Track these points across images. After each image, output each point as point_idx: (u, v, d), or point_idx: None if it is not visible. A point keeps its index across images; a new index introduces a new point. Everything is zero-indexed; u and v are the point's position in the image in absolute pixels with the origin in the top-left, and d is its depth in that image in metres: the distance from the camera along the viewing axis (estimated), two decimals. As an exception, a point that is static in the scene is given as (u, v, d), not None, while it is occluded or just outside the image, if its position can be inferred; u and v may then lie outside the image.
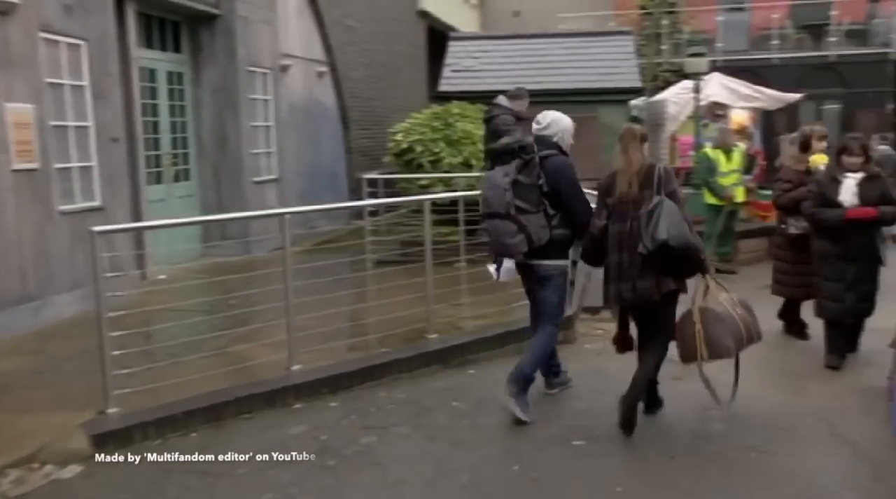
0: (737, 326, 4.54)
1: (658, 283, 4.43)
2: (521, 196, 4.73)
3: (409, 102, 17.72)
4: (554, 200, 4.76)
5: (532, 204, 4.73)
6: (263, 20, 10.92)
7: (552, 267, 4.88)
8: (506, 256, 4.84)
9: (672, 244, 4.28)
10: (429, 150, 9.72)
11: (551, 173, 4.75)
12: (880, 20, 21.26)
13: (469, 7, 23.84)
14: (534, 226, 4.72)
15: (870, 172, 5.75)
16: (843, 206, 5.64)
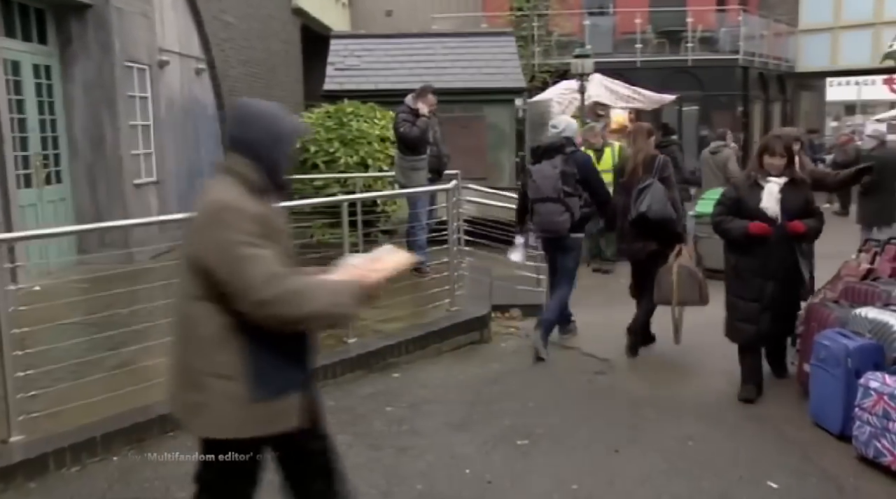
0: (703, 282, 5.78)
1: (644, 245, 5.88)
2: (566, 183, 5.94)
3: (287, 102, 17.30)
4: (583, 186, 6.01)
5: (573, 189, 5.96)
6: (140, 12, 10.27)
7: (576, 239, 6.14)
8: (554, 232, 6.04)
9: (649, 216, 5.68)
10: (323, 150, 9.49)
11: (581, 165, 6.03)
12: (727, 29, 22.75)
13: (340, 6, 23.54)
14: (575, 206, 5.96)
15: (794, 177, 5.08)
16: (765, 214, 4.98)
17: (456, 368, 6.00)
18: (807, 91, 28.93)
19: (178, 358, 2.54)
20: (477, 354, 6.42)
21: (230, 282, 2.37)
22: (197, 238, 2.45)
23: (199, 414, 2.49)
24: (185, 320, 2.49)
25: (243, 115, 2.60)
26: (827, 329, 4.79)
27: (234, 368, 2.43)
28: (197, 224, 2.48)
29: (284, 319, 2.40)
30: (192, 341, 2.48)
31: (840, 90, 38.73)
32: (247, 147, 2.54)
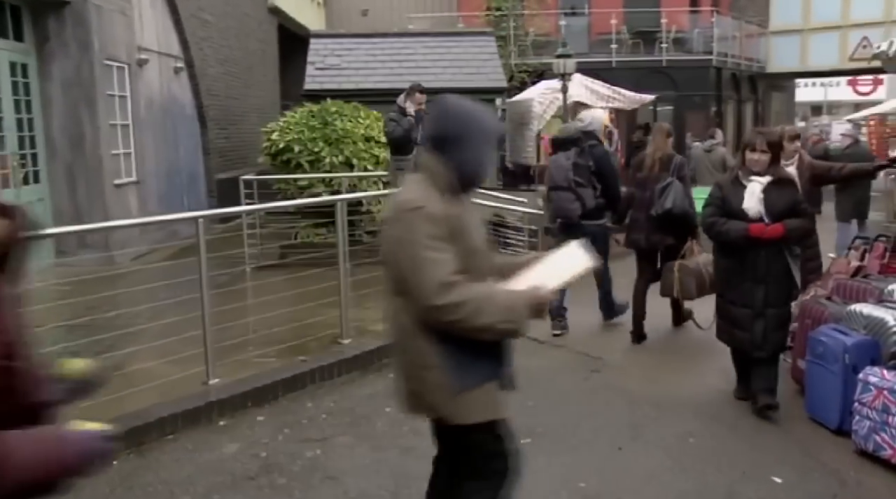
0: (702, 279, 5.96)
1: (662, 238, 6.30)
2: (578, 174, 6.39)
3: (264, 101, 17.20)
4: (598, 178, 6.44)
5: (585, 180, 6.40)
6: (118, 10, 10.13)
7: (595, 225, 6.48)
8: (565, 218, 6.45)
9: (674, 212, 6.08)
10: (308, 149, 9.41)
11: (597, 159, 6.47)
12: (700, 30, 23.00)
13: (316, 5, 23.40)
14: (586, 196, 6.39)
15: (779, 176, 4.80)
16: (747, 215, 4.70)
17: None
18: (777, 92, 29.35)
19: (396, 350, 2.69)
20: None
21: (408, 282, 2.45)
22: (388, 233, 2.55)
23: (420, 400, 2.62)
24: (394, 315, 2.60)
25: (447, 113, 2.60)
26: (822, 326, 4.86)
27: (434, 359, 2.51)
28: (387, 221, 2.59)
29: (454, 327, 2.44)
30: (402, 335, 2.59)
31: (807, 91, 39.39)
32: (448, 145, 2.55)
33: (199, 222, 4.95)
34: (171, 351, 5.25)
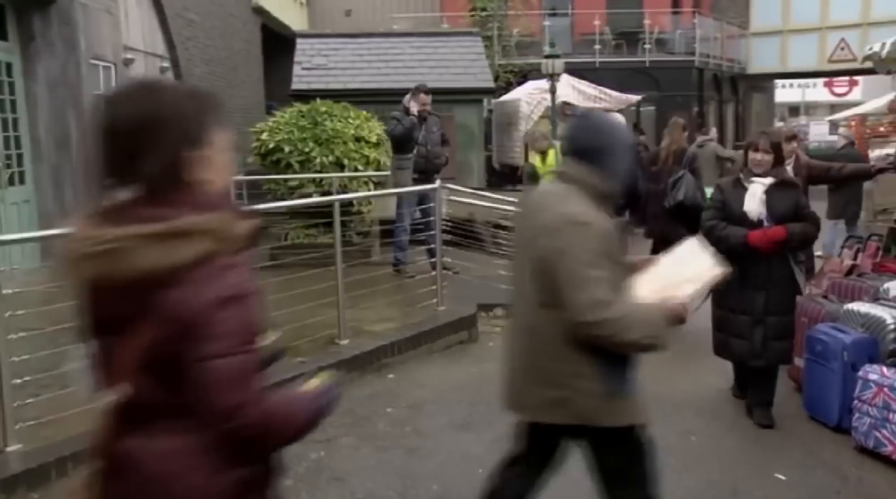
0: None
1: (676, 229, 6.24)
2: None
3: (249, 102, 17.10)
4: None
5: None
6: (104, 8, 10.03)
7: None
8: None
9: (686, 204, 6.29)
10: (298, 149, 9.37)
11: None
12: (682, 31, 23.19)
13: (299, 5, 23.32)
14: None
15: (782, 177, 4.67)
16: (748, 217, 4.55)
17: (450, 368, 6.00)
18: (758, 92, 29.63)
19: (529, 358, 2.68)
20: (467, 353, 6.43)
21: (563, 295, 2.48)
22: (546, 245, 2.53)
23: (562, 406, 2.62)
24: (535, 325, 2.62)
25: (593, 125, 2.70)
26: (819, 324, 4.92)
27: (587, 368, 2.56)
28: (546, 231, 2.54)
29: (601, 341, 2.49)
30: (544, 344, 2.60)
31: (785, 92, 39.84)
32: (599, 157, 2.60)
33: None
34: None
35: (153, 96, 1.60)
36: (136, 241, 1.51)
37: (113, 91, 1.69)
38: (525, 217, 2.74)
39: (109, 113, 1.60)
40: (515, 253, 2.77)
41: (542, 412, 2.71)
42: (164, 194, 1.57)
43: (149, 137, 1.55)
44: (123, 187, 1.59)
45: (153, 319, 1.54)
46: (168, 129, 1.57)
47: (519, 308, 2.73)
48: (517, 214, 2.84)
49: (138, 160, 1.55)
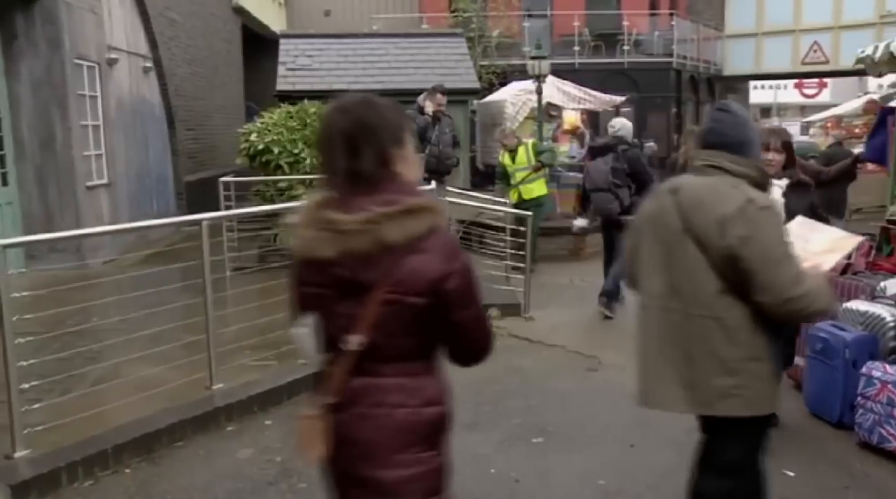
0: None
1: None
2: (616, 176, 7.25)
3: (229, 102, 16.99)
4: (632, 178, 7.27)
5: (621, 181, 7.26)
6: (88, 7, 9.90)
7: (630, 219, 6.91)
8: (606, 215, 7.39)
9: None
10: (287, 151, 9.32)
11: (631, 161, 7.37)
12: (660, 32, 23.40)
13: (277, 5, 23.19)
14: (623, 195, 7.22)
15: (796, 178, 4.56)
16: None
17: (452, 368, 5.98)
18: (733, 94, 29.94)
19: (703, 348, 2.73)
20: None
21: (763, 278, 2.60)
22: (734, 233, 2.62)
23: (732, 396, 2.70)
24: (714, 314, 2.70)
25: (739, 119, 2.87)
26: (819, 322, 4.99)
27: (764, 351, 2.71)
28: (729, 220, 2.64)
29: (800, 315, 2.72)
30: (725, 331, 2.69)
31: (758, 93, 40.34)
32: (747, 148, 2.81)
33: (204, 225, 4.85)
34: (171, 356, 5.15)
35: (370, 108, 2.04)
36: (382, 219, 1.94)
37: (340, 103, 2.08)
38: (675, 214, 2.76)
39: (340, 120, 2.03)
40: (658, 251, 2.82)
41: (708, 403, 2.76)
42: (382, 184, 1.99)
43: (369, 137, 2.00)
44: (346, 179, 2.00)
45: (394, 282, 1.95)
46: (385, 132, 2.02)
47: (676, 303, 2.77)
48: (652, 215, 2.88)
49: (362, 156, 1.98)
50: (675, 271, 2.79)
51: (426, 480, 2.11)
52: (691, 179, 2.85)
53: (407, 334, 2.03)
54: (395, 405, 2.05)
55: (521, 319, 7.49)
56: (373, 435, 2.05)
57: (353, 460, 2.08)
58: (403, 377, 2.07)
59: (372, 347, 2.01)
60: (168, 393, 4.79)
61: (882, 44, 5.41)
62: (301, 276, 2.09)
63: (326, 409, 2.07)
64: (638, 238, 2.96)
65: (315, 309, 2.08)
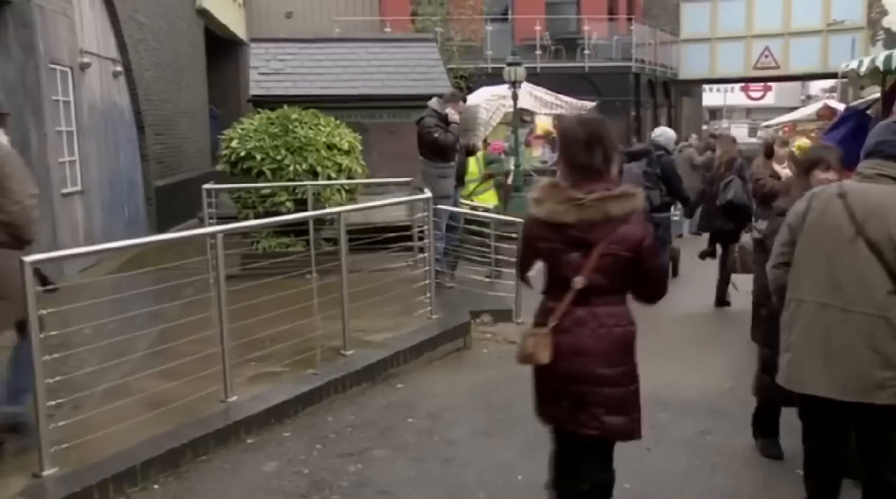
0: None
1: (724, 223, 7.89)
2: (648, 180, 7.86)
3: (194, 106, 16.77)
4: (664, 182, 8.15)
5: (653, 184, 7.95)
6: (60, 11, 9.69)
7: (660, 217, 8.11)
8: None
9: (735, 202, 7.69)
10: (270, 157, 9.26)
11: (664, 166, 8.24)
12: (619, 37, 23.82)
13: (237, 6, 22.91)
14: (654, 197, 7.86)
15: None
16: None
17: (454, 376, 6.07)
18: (688, 97, 30.65)
19: (869, 342, 3.11)
20: (466, 361, 6.51)
21: None
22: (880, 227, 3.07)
23: (891, 387, 3.10)
24: (883, 312, 3.09)
25: None
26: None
27: None
28: (873, 214, 3.07)
29: None
30: (884, 330, 3.08)
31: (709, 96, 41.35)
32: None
33: (218, 238, 4.83)
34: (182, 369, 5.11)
35: (600, 124, 3.12)
36: (608, 199, 2.98)
37: (580, 119, 3.24)
38: (846, 218, 3.13)
39: (580, 130, 3.06)
40: (821, 252, 3.21)
41: (868, 393, 3.13)
42: (603, 176, 3.03)
43: (600, 144, 3.03)
44: (581, 170, 3.04)
45: (611, 241, 2.98)
46: (607, 140, 3.05)
47: (836, 300, 3.16)
48: (816, 217, 3.24)
49: (594, 155, 3.02)
50: (839, 271, 3.16)
51: (631, 374, 3.16)
52: (861, 186, 3.15)
53: (615, 277, 3.03)
54: (612, 326, 3.06)
55: (513, 325, 7.57)
56: (601, 346, 3.04)
57: (586, 363, 3.04)
58: (612, 306, 3.08)
59: (591, 286, 3.02)
60: (184, 407, 4.76)
61: (867, 58, 5.66)
62: (539, 234, 3.12)
63: (553, 330, 3.03)
64: (795, 237, 3.32)
65: (546, 259, 3.14)
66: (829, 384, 3.22)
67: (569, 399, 3.11)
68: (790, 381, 3.37)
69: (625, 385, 3.11)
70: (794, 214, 3.37)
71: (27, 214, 4.26)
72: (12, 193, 4.13)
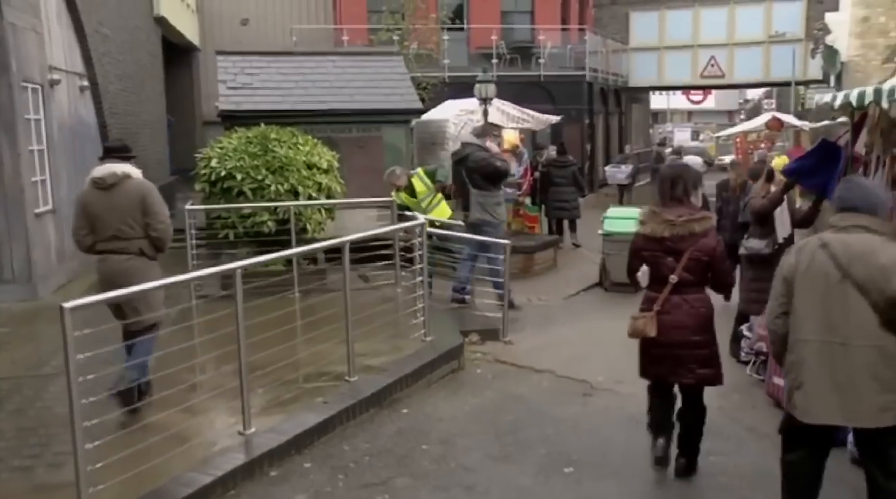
0: None
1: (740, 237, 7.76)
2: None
3: (154, 117, 16.58)
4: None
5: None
6: (30, 27, 9.54)
7: None
8: None
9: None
10: (251, 177, 9.28)
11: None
12: (572, 46, 24.27)
13: (191, 12, 22.64)
14: None
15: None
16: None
17: (454, 399, 6.23)
18: (637, 103, 31.35)
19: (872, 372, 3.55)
20: (462, 382, 6.67)
21: None
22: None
23: (890, 409, 3.55)
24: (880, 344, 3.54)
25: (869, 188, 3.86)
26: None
27: None
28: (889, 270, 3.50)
29: None
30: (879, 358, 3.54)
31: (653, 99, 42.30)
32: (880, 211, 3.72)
33: (237, 273, 4.89)
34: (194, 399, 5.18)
35: (682, 167, 4.94)
36: (692, 221, 4.54)
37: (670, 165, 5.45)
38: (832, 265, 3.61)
39: (669, 173, 4.78)
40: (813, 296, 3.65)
41: (874, 417, 3.56)
42: (685, 203, 4.62)
43: (682, 181, 4.64)
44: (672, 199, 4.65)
45: (695, 249, 4.50)
46: (688, 179, 4.66)
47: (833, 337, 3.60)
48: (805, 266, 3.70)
49: (678, 190, 4.63)
50: (833, 311, 3.61)
51: (713, 339, 4.66)
52: (839, 236, 3.66)
53: (698, 274, 4.55)
54: (699, 307, 4.58)
55: (500, 344, 7.78)
56: (693, 321, 4.54)
57: (684, 333, 4.52)
58: (697, 294, 4.59)
59: (682, 281, 4.53)
60: (205, 440, 4.84)
61: (841, 93, 6.02)
62: (644, 246, 4.64)
63: (656, 312, 4.55)
64: (790, 288, 3.76)
65: (649, 263, 4.62)
66: (843, 414, 3.63)
67: (671, 359, 4.56)
68: (808, 414, 3.69)
69: (709, 347, 4.60)
70: (787, 268, 3.81)
71: (168, 231, 5.55)
72: (158, 215, 5.47)
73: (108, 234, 5.40)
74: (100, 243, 5.46)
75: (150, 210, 5.41)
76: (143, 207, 5.39)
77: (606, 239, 10.59)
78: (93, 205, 5.44)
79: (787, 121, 17.19)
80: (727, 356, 7.12)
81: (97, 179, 5.50)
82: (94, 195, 5.47)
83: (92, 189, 5.51)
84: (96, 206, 5.43)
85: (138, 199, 5.40)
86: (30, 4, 9.56)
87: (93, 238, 5.48)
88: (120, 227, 5.37)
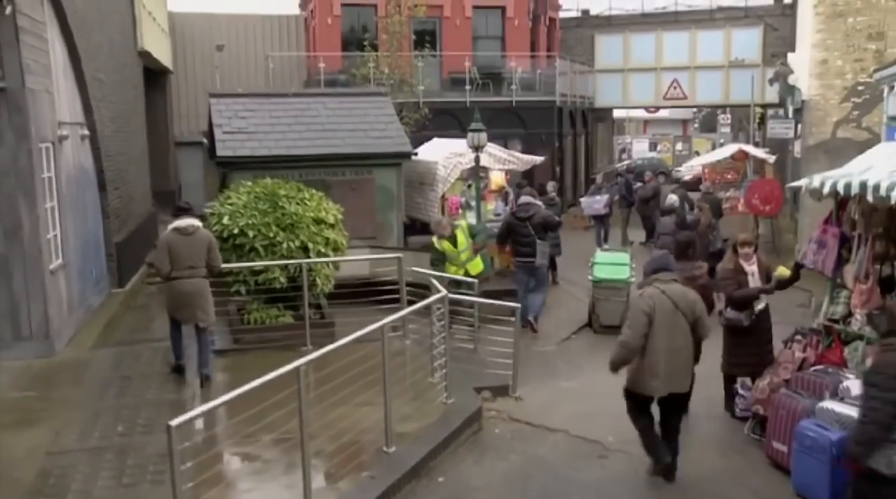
0: None
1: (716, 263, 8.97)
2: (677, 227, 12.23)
3: (139, 151, 16.75)
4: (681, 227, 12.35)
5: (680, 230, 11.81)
6: (44, 88, 9.78)
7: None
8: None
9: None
10: (262, 234, 9.64)
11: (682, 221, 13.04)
12: (542, 71, 24.95)
13: (164, 36, 22.72)
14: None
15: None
16: None
17: (483, 463, 6.73)
18: (602, 122, 32.20)
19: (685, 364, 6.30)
20: (485, 444, 7.15)
21: (704, 326, 6.34)
22: (697, 310, 6.27)
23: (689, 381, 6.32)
24: (687, 345, 6.26)
25: (667, 258, 5.78)
26: (800, 420, 6.17)
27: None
28: (695, 304, 6.30)
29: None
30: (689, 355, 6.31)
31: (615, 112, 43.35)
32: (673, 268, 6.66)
33: (301, 370, 5.31)
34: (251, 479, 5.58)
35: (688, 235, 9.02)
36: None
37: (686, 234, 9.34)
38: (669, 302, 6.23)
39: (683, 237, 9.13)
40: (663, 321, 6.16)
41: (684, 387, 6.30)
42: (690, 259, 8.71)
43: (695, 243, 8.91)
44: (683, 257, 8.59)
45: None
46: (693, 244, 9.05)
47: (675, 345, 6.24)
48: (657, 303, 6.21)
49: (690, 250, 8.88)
50: (673, 330, 6.11)
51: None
52: (668, 287, 6.21)
53: None
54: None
55: (511, 400, 8.26)
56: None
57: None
58: None
59: None
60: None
61: (829, 182, 6.70)
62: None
63: None
64: (651, 319, 6.05)
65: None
66: (672, 388, 6.25)
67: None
68: (657, 391, 6.27)
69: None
70: (647, 307, 6.10)
71: (221, 263, 8.56)
72: (217, 254, 8.42)
73: (185, 265, 8.06)
74: (176, 271, 8.06)
75: (213, 253, 8.31)
76: (208, 248, 8.24)
77: (596, 286, 11.13)
78: (176, 246, 8.05)
79: (752, 152, 18.06)
80: (723, 413, 7.81)
81: (181, 228, 8.10)
82: (177, 239, 8.08)
83: (176, 235, 8.10)
84: (178, 246, 8.05)
85: (207, 243, 8.27)
86: (44, 66, 9.79)
87: (171, 268, 8.04)
88: (195, 260, 8.10)
